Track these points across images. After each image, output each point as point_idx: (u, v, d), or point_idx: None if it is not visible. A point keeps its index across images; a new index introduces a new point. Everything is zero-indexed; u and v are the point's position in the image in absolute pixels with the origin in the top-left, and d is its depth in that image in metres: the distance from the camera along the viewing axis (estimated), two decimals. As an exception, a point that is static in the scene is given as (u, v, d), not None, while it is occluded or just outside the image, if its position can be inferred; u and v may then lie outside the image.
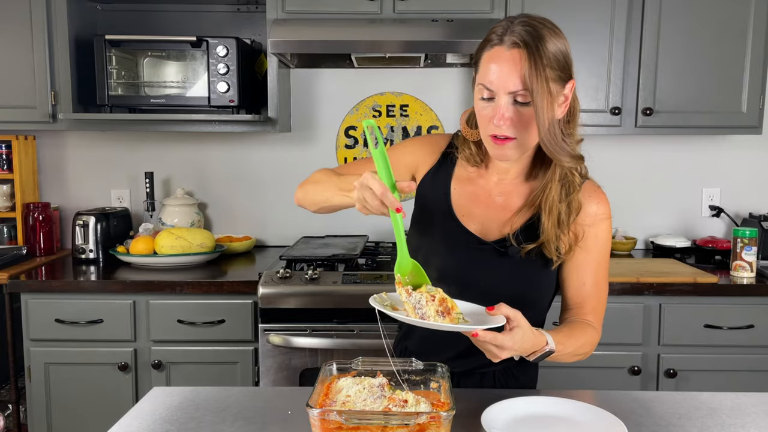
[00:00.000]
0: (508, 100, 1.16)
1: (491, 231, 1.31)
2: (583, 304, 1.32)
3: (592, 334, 1.30)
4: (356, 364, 1.18)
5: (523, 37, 1.14)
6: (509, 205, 1.32)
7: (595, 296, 1.32)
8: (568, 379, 2.30)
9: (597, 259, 1.31)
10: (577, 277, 1.31)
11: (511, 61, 1.14)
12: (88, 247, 2.63)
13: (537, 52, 1.13)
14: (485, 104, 1.19)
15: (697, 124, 2.56)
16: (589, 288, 1.31)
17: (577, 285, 1.32)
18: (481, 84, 1.18)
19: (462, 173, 1.36)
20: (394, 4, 2.47)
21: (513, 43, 1.14)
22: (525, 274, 1.29)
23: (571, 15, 2.49)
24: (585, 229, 1.29)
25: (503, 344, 1.08)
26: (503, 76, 1.15)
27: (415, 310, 1.09)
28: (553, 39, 1.16)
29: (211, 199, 2.97)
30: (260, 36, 2.81)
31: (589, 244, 1.30)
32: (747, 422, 1.20)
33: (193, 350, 2.32)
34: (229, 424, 1.18)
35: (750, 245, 2.38)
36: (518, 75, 1.14)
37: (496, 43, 1.17)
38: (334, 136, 2.92)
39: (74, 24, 2.56)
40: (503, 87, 1.15)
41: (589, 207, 1.29)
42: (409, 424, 0.98)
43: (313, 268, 2.29)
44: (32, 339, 2.32)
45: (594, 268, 1.31)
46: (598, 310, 1.32)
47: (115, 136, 2.91)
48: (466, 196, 1.34)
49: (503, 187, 1.34)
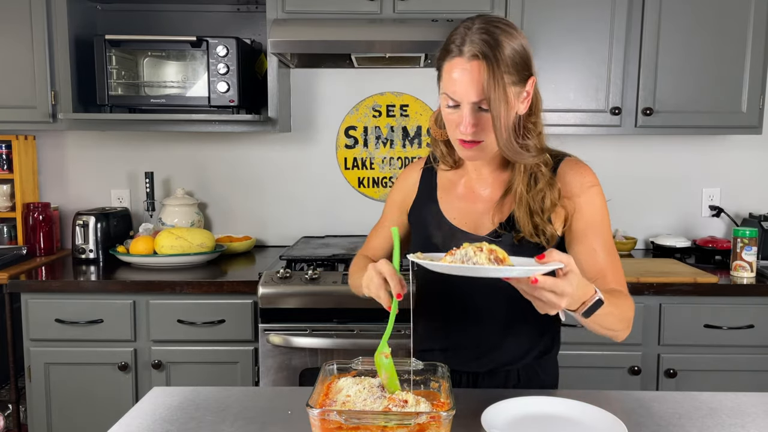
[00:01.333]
0: (471, 108, 1.20)
1: (483, 225, 1.34)
2: (605, 274, 1.27)
3: (628, 298, 1.25)
4: (356, 364, 1.18)
5: (482, 48, 1.17)
6: (493, 196, 1.36)
7: (611, 265, 1.28)
8: (568, 379, 2.30)
9: (597, 224, 1.29)
10: (586, 246, 1.28)
11: (470, 72, 1.18)
12: (88, 247, 2.63)
13: (495, 62, 1.17)
14: (451, 111, 1.24)
15: (697, 124, 2.56)
16: (601, 256, 1.28)
17: (588, 253, 1.28)
18: (445, 93, 1.23)
19: (444, 181, 1.42)
20: (394, 4, 2.47)
21: (472, 55, 1.18)
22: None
23: (571, 15, 2.49)
24: (575, 200, 1.29)
25: (563, 290, 0.99)
26: (464, 87, 1.19)
27: (464, 262, 1.01)
28: (511, 42, 1.19)
29: (211, 199, 2.97)
30: (260, 36, 2.81)
31: (585, 211, 1.29)
32: (747, 422, 1.20)
33: (193, 350, 2.32)
34: (229, 424, 1.18)
35: (750, 245, 2.38)
36: (479, 86, 1.18)
37: (456, 55, 1.20)
38: (334, 136, 2.92)
39: (74, 24, 2.56)
40: (465, 97, 1.20)
41: (572, 180, 1.31)
42: (409, 424, 0.98)
43: (313, 268, 2.29)
44: (32, 339, 2.32)
45: (599, 233, 1.29)
46: (620, 279, 1.28)
47: (115, 136, 2.91)
48: (453, 200, 1.39)
49: (483, 181, 1.38)
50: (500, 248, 1.05)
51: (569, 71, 2.52)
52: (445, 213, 1.38)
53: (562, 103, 2.53)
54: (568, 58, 2.51)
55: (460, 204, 1.38)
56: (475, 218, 1.36)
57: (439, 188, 1.42)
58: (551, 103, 2.54)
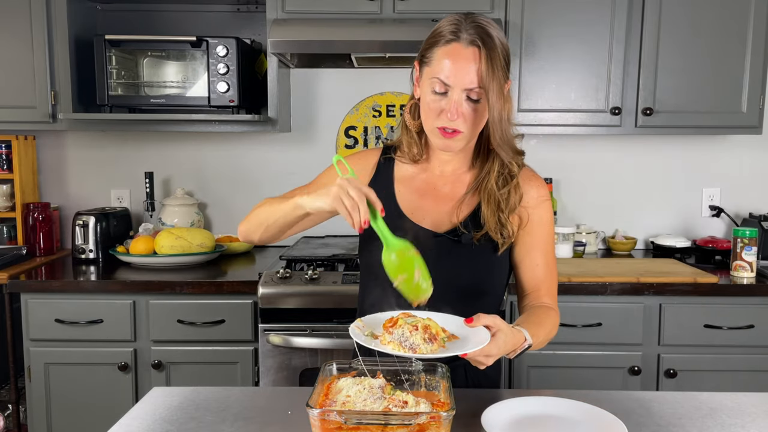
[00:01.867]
0: (462, 95, 1.21)
1: (442, 222, 1.35)
2: (540, 287, 1.36)
3: (555, 316, 1.34)
4: (356, 364, 1.18)
5: (481, 36, 1.20)
6: (455, 194, 1.37)
7: (549, 277, 1.37)
8: (568, 379, 2.30)
9: (544, 239, 1.37)
10: (530, 259, 1.36)
11: (469, 58, 1.19)
12: (88, 247, 2.63)
13: (493, 52, 1.19)
14: (437, 98, 1.23)
15: (697, 124, 2.56)
16: (541, 269, 1.36)
17: (530, 267, 1.36)
18: (437, 78, 1.22)
19: (403, 173, 1.40)
20: (394, 4, 2.47)
21: (471, 41, 1.19)
22: (480, 260, 1.33)
23: (571, 15, 2.49)
24: (529, 212, 1.34)
25: (490, 352, 1.09)
26: (461, 72, 1.19)
27: (402, 345, 1.08)
28: (502, 41, 1.23)
29: (211, 199, 2.97)
30: (260, 36, 2.81)
31: (535, 226, 1.35)
32: (747, 422, 1.20)
33: (193, 350, 2.32)
34: (229, 424, 1.18)
35: (750, 245, 2.38)
36: (476, 72, 1.19)
37: (452, 39, 1.21)
38: (334, 136, 2.92)
39: (74, 24, 2.56)
40: (460, 83, 1.20)
41: (530, 191, 1.35)
42: (409, 425, 0.98)
43: (313, 268, 2.29)
44: (32, 339, 2.31)
45: (543, 249, 1.36)
46: (552, 292, 1.37)
47: (115, 136, 2.91)
48: (412, 194, 1.38)
49: (446, 179, 1.38)
50: (434, 322, 1.12)
51: (569, 71, 2.52)
52: (403, 207, 1.36)
53: (563, 103, 2.53)
54: (569, 58, 2.51)
55: (417, 198, 1.37)
56: (435, 215, 1.36)
57: (397, 180, 1.40)
58: (551, 103, 2.54)
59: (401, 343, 1.08)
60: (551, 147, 2.89)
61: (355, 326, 1.16)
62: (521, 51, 2.51)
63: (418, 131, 1.36)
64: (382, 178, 1.40)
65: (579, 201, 2.93)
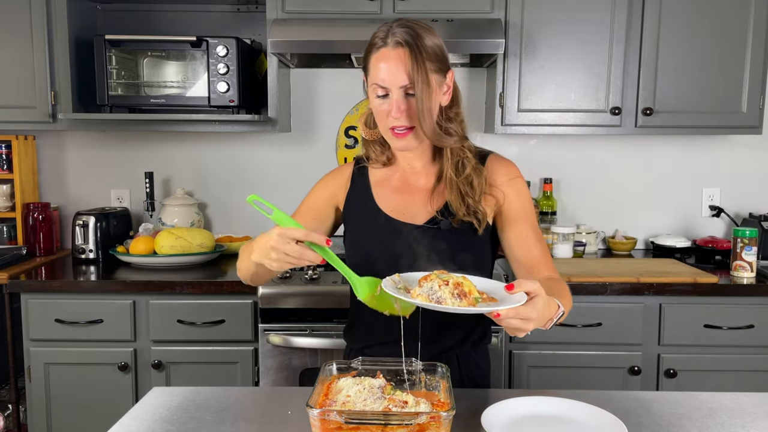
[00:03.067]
0: (400, 93, 1.29)
1: (420, 215, 1.41)
2: (539, 263, 1.38)
3: (566, 286, 1.35)
4: (356, 364, 1.18)
5: (404, 36, 1.29)
6: (428, 187, 1.43)
7: (543, 253, 1.39)
8: (568, 379, 2.30)
9: (528, 211, 1.41)
10: (516, 233, 1.39)
11: (396, 59, 1.28)
12: (88, 247, 2.63)
13: (417, 48, 1.28)
14: (381, 101, 1.32)
15: (697, 124, 2.56)
16: (534, 243, 1.38)
17: (518, 239, 1.39)
18: (375, 84, 1.31)
19: (378, 178, 1.47)
20: (394, 4, 2.47)
21: (396, 42, 1.29)
22: (461, 243, 1.37)
23: (571, 15, 2.49)
24: (503, 189, 1.40)
25: (528, 315, 1.04)
26: (392, 73, 1.28)
27: (429, 297, 1.07)
28: (430, 36, 1.31)
29: (211, 199, 2.97)
30: (260, 36, 2.81)
31: (514, 199, 1.40)
32: (747, 422, 1.20)
33: (193, 350, 2.32)
34: (229, 424, 1.18)
35: (750, 245, 2.38)
36: (404, 70, 1.28)
37: (381, 46, 1.31)
38: (334, 136, 2.92)
39: (74, 24, 2.56)
40: (394, 82, 1.29)
41: (498, 170, 1.42)
42: (410, 425, 0.98)
43: (312, 268, 2.29)
44: (32, 339, 2.32)
45: (529, 220, 1.40)
46: (550, 264, 1.39)
47: (115, 136, 2.91)
48: (390, 193, 1.44)
49: (416, 173, 1.45)
50: (468, 281, 1.10)
51: (569, 71, 2.52)
52: (381, 206, 1.43)
53: (563, 103, 2.53)
54: (569, 59, 2.51)
55: (395, 196, 1.44)
56: (412, 208, 1.41)
57: (373, 185, 1.47)
58: (551, 103, 2.54)
59: (429, 296, 1.07)
60: (551, 147, 2.89)
61: (390, 279, 1.16)
62: (521, 51, 2.51)
63: (379, 139, 1.43)
64: (359, 186, 1.47)
65: (579, 201, 2.93)
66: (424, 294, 1.08)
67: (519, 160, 3.10)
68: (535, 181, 2.88)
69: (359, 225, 1.45)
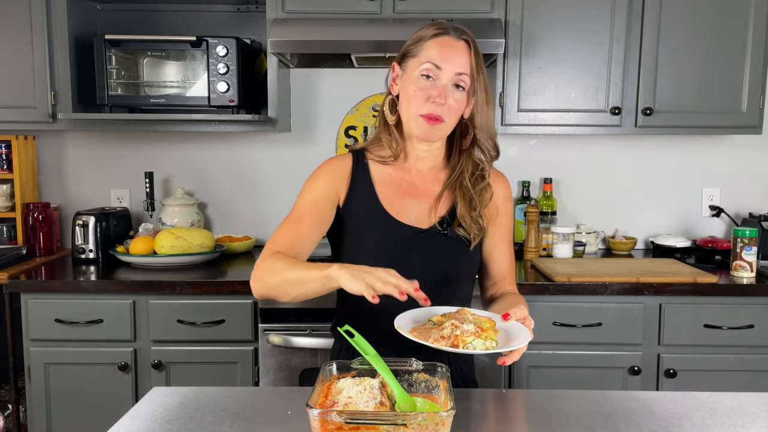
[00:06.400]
0: (451, 80, 1.30)
1: (423, 219, 1.40)
2: (506, 276, 1.47)
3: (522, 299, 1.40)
4: (356, 364, 1.18)
5: (468, 34, 1.33)
6: (432, 192, 1.42)
7: (511, 269, 1.49)
8: (568, 379, 2.30)
9: (509, 231, 1.49)
10: (499, 249, 1.46)
11: (459, 48, 1.31)
12: (87, 247, 2.63)
13: (476, 50, 1.33)
14: (426, 84, 1.31)
15: (697, 124, 2.56)
16: (508, 258, 1.47)
17: (499, 256, 1.46)
18: (429, 62, 1.30)
19: (381, 175, 1.43)
20: (394, 4, 2.47)
21: (460, 36, 1.32)
22: (458, 252, 1.40)
23: (571, 15, 2.48)
24: (499, 206, 1.45)
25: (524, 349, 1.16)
26: (452, 55, 1.30)
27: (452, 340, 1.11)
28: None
29: (211, 199, 2.97)
30: (260, 36, 2.81)
31: (504, 220, 1.46)
32: (747, 422, 1.20)
33: (193, 350, 2.32)
34: (229, 424, 1.18)
35: (750, 245, 2.38)
36: (467, 60, 1.31)
37: (443, 33, 1.32)
38: (334, 136, 2.92)
39: (74, 24, 2.56)
40: (452, 66, 1.29)
41: (500, 188, 1.46)
42: (410, 425, 0.98)
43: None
44: (32, 339, 2.31)
45: (509, 239, 1.48)
46: (513, 279, 1.49)
47: (115, 136, 2.91)
48: (393, 193, 1.41)
49: (423, 177, 1.43)
50: (492, 322, 1.16)
51: (569, 71, 2.52)
52: (386, 207, 1.39)
53: (563, 103, 2.53)
54: (569, 59, 2.51)
55: (400, 198, 1.41)
56: (417, 212, 1.40)
57: (376, 182, 1.41)
58: (551, 103, 2.54)
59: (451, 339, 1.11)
60: (551, 147, 2.89)
61: (398, 327, 1.16)
62: (521, 51, 2.51)
63: (396, 126, 1.41)
64: (361, 182, 1.42)
65: (579, 201, 2.93)
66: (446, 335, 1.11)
67: (519, 160, 3.10)
68: (535, 181, 2.88)
69: (361, 225, 1.40)
